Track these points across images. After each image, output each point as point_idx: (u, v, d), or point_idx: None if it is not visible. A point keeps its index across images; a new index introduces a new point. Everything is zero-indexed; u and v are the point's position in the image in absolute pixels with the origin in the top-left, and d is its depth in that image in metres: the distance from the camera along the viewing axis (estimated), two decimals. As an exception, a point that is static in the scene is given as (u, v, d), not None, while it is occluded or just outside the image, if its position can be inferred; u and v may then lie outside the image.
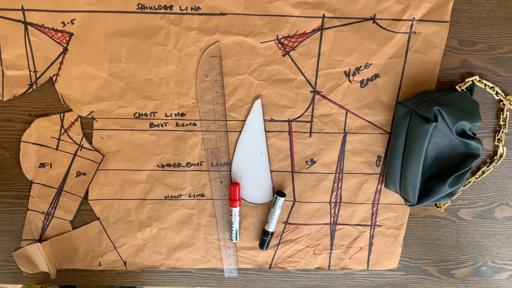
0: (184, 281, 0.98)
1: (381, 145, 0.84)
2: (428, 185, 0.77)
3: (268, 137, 0.82)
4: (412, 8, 0.73)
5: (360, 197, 0.88)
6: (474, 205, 0.91)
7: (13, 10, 0.71)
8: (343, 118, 0.81)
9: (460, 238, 0.94)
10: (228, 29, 0.74)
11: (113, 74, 0.76)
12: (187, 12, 0.72)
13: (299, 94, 0.79)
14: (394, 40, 0.75)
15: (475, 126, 0.74)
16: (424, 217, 0.92)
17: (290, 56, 0.76)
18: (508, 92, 0.80)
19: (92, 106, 0.79)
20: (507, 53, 0.77)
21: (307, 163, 0.85)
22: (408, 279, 0.99)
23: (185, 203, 0.88)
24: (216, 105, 0.79)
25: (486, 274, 0.99)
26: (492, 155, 0.86)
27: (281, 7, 0.72)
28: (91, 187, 0.85)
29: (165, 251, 0.93)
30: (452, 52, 0.77)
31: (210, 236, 0.92)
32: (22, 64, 0.75)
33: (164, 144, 0.82)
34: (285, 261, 0.95)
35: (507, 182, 0.88)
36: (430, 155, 0.75)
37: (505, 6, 0.74)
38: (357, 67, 0.77)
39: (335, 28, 0.74)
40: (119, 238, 0.91)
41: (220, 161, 0.84)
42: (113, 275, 0.96)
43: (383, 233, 0.92)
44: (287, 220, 0.91)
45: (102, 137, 0.81)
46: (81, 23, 0.72)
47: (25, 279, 0.96)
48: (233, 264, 0.95)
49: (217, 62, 0.76)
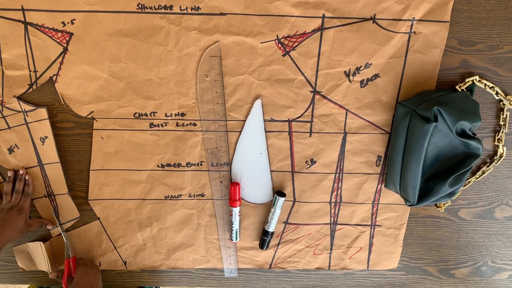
0: (184, 281, 0.98)
1: (381, 145, 0.84)
2: (428, 185, 0.77)
3: (268, 137, 0.82)
4: (412, 8, 0.73)
5: (360, 197, 0.88)
6: (474, 205, 0.91)
7: (13, 10, 0.71)
8: (343, 118, 0.81)
9: (460, 238, 0.94)
10: (228, 29, 0.74)
11: (113, 74, 0.76)
12: (187, 12, 0.72)
13: (299, 94, 0.79)
14: (394, 40, 0.75)
15: (475, 126, 0.74)
16: (424, 217, 0.92)
17: (290, 56, 0.76)
18: (508, 92, 0.80)
19: (92, 106, 0.79)
20: (507, 53, 0.77)
21: (307, 163, 0.85)
22: (408, 279, 0.99)
23: (185, 203, 0.88)
24: (216, 105, 0.79)
25: (486, 274, 0.99)
26: (492, 155, 0.86)
27: (281, 7, 0.72)
28: (91, 187, 0.85)
29: (165, 251, 0.93)
30: (452, 52, 0.77)
31: (210, 236, 0.92)
32: (22, 64, 0.75)
33: (164, 144, 0.82)
34: (285, 261, 0.95)
35: (507, 182, 0.88)
36: (430, 155, 0.75)
37: (505, 6, 0.74)
38: (357, 67, 0.77)
39: (335, 28, 0.74)
40: (119, 238, 0.91)
41: (220, 161, 0.84)
42: (113, 275, 0.96)
43: (383, 233, 0.92)
44: (287, 220, 0.91)
45: (102, 137, 0.81)
46: (81, 23, 0.72)
47: (25, 279, 0.96)
48: (233, 264, 0.95)
49: (217, 62, 0.76)
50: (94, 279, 0.85)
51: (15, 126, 0.80)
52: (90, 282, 0.84)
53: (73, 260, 0.87)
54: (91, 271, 0.86)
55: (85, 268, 0.85)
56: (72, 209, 0.87)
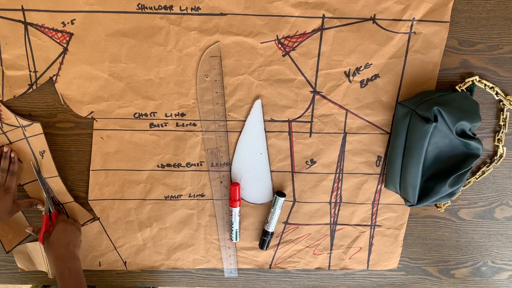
0: (184, 281, 0.98)
1: (381, 145, 0.84)
2: (428, 185, 0.77)
3: (268, 137, 0.82)
4: (412, 8, 0.73)
5: (360, 197, 0.88)
6: (474, 205, 0.91)
7: (13, 10, 0.71)
8: (343, 118, 0.81)
9: (460, 238, 0.94)
10: (228, 29, 0.74)
11: (113, 74, 0.76)
12: (187, 12, 0.72)
13: (299, 94, 0.79)
14: (394, 40, 0.75)
15: (475, 126, 0.74)
16: (424, 217, 0.92)
17: (290, 56, 0.76)
18: (508, 92, 0.80)
19: (92, 106, 0.79)
20: (507, 53, 0.77)
21: (307, 163, 0.85)
22: (408, 279, 0.99)
23: (185, 203, 0.88)
24: (216, 105, 0.79)
25: (486, 274, 0.99)
26: (492, 155, 0.86)
27: (281, 7, 0.72)
28: (91, 187, 0.85)
29: (165, 251, 0.93)
30: (452, 52, 0.77)
31: (210, 236, 0.92)
32: (22, 64, 0.75)
33: (164, 144, 0.82)
34: (285, 261, 0.95)
35: (507, 182, 0.88)
36: (430, 155, 0.75)
37: (505, 6, 0.74)
38: (357, 67, 0.77)
39: (335, 28, 0.74)
40: (119, 238, 0.91)
41: (220, 161, 0.84)
42: (113, 275, 0.96)
43: (383, 233, 0.92)
44: (287, 220, 0.91)
45: (102, 137, 0.81)
46: (81, 23, 0.72)
47: (25, 279, 0.96)
48: (233, 264, 0.95)
49: (217, 62, 0.76)
50: (72, 237, 0.80)
51: (16, 141, 0.80)
52: (67, 239, 0.79)
53: (53, 216, 0.83)
54: (69, 228, 0.81)
55: (64, 225, 0.81)
56: (84, 213, 0.88)
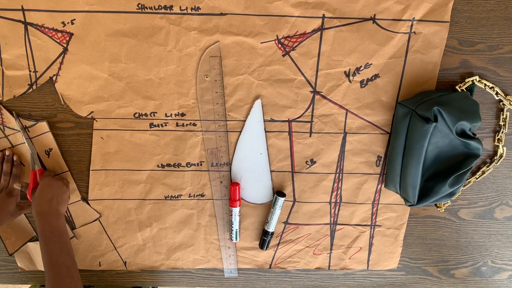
0: (184, 281, 0.98)
1: (381, 145, 0.84)
2: (428, 185, 0.77)
3: (268, 137, 0.82)
4: (412, 8, 0.73)
5: (360, 197, 0.88)
6: (474, 205, 0.91)
7: (13, 10, 0.71)
8: (343, 118, 0.81)
9: (460, 238, 0.94)
10: (228, 29, 0.74)
11: (113, 74, 0.76)
12: (187, 12, 0.72)
13: (299, 94, 0.79)
14: (394, 40, 0.75)
15: (475, 126, 0.74)
16: (424, 217, 0.92)
17: (290, 56, 0.76)
18: (508, 92, 0.80)
19: (92, 106, 0.79)
20: (507, 53, 0.77)
21: (307, 163, 0.85)
22: (408, 279, 0.99)
23: (185, 203, 0.88)
24: (216, 105, 0.79)
25: (486, 274, 0.99)
26: (492, 155, 0.86)
27: (281, 7, 0.72)
28: (91, 187, 0.85)
29: (165, 251, 0.93)
30: (452, 52, 0.77)
31: (210, 236, 0.92)
32: (22, 64, 0.75)
33: (164, 144, 0.82)
34: (285, 261, 0.95)
35: (507, 182, 0.88)
36: (430, 155, 0.75)
37: (505, 6, 0.74)
38: (357, 67, 0.77)
39: (335, 28, 0.74)
40: (119, 238, 0.91)
41: (220, 161, 0.84)
42: (113, 275, 0.96)
43: (383, 233, 0.92)
44: (287, 220, 0.91)
45: (102, 137, 0.81)
46: (81, 23, 0.72)
47: (25, 279, 0.96)
48: (233, 264, 0.95)
49: (217, 62, 0.76)
50: (57, 192, 0.77)
51: (18, 145, 0.81)
52: (50, 195, 0.76)
53: (39, 173, 0.80)
54: (55, 183, 0.78)
55: (49, 180, 0.78)
56: (91, 212, 0.88)
